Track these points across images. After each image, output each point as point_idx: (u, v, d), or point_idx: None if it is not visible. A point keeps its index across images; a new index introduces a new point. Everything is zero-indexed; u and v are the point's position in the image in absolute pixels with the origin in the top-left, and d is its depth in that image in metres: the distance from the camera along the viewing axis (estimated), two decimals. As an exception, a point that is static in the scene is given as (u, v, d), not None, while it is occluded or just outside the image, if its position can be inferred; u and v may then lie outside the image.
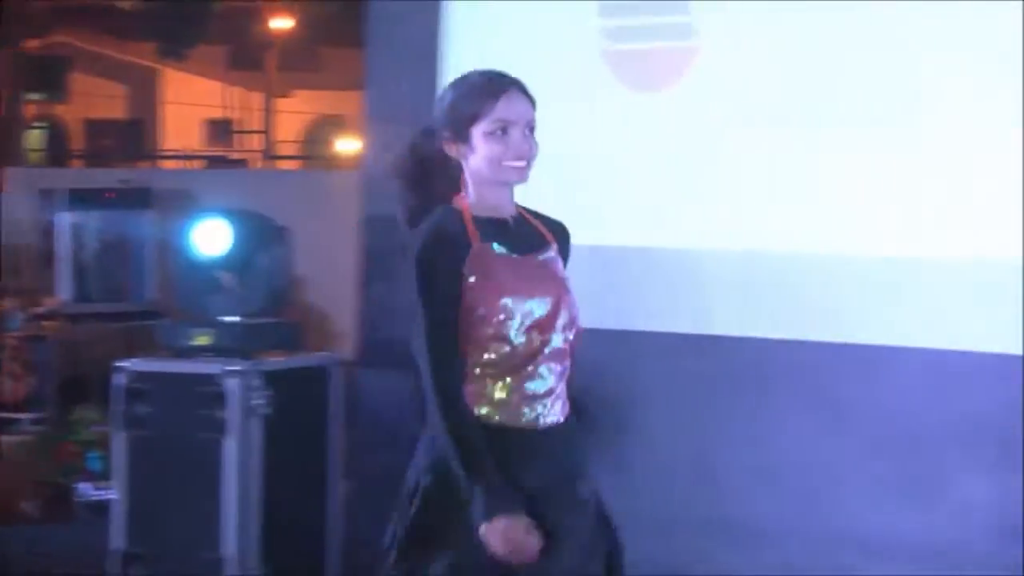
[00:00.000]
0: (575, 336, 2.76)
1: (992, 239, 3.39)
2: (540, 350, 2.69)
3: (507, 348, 2.68)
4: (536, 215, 2.81)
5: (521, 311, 2.68)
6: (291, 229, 4.38)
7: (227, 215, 4.22)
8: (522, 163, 2.66)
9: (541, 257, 2.74)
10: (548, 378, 2.68)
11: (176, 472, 3.91)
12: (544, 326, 2.68)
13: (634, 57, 3.87)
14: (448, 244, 2.69)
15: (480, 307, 2.67)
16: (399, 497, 2.75)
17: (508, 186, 2.72)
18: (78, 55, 17.01)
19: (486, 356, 2.67)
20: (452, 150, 2.71)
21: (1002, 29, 3.35)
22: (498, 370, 2.68)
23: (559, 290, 2.73)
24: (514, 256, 2.71)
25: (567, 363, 2.73)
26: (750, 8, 3.65)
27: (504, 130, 2.66)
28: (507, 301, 2.68)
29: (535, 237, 2.76)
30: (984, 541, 3.34)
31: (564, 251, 2.80)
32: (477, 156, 2.68)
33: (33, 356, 6.24)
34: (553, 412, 2.70)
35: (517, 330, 2.67)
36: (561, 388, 2.69)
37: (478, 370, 2.68)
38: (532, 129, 2.70)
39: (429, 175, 2.79)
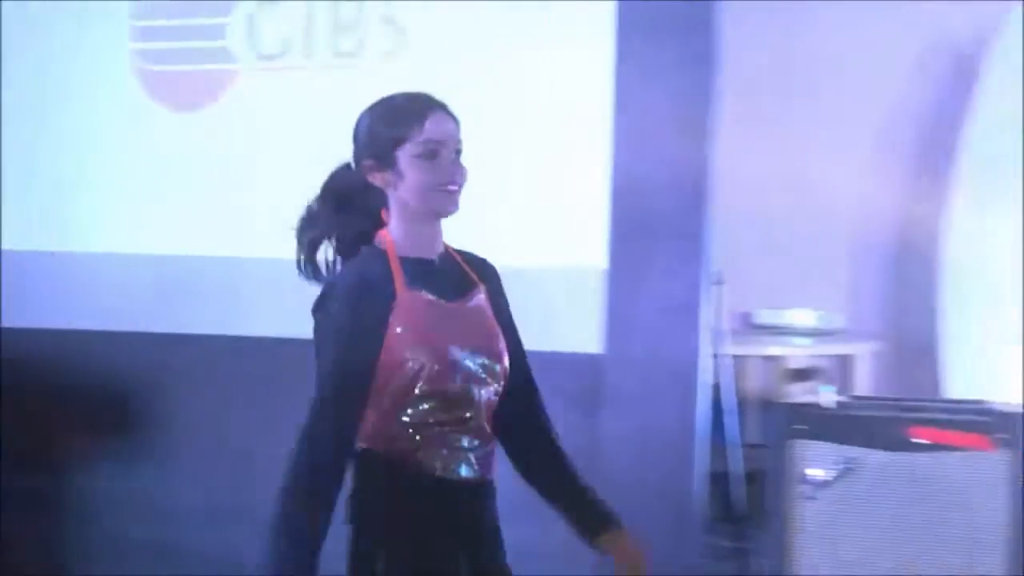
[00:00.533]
0: (526, 391, 2.68)
1: (576, 247, 3.80)
2: (475, 403, 2.59)
3: (440, 402, 2.56)
4: (460, 252, 2.70)
5: (456, 362, 2.57)
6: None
7: None
8: (454, 187, 2.55)
9: (471, 304, 2.64)
10: (483, 431, 2.57)
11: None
12: (478, 378, 2.60)
13: (170, 79, 4.04)
14: (368, 293, 2.54)
15: (409, 360, 2.54)
16: None
17: (437, 218, 2.59)
18: None
19: (419, 408, 2.55)
20: (377, 179, 2.57)
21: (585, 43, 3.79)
22: (431, 424, 2.54)
23: (491, 341, 2.63)
24: (443, 303, 2.60)
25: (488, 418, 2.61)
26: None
27: (433, 153, 2.54)
28: (439, 352, 2.55)
29: (463, 279, 2.66)
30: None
31: (495, 290, 2.69)
32: (405, 183, 2.55)
33: None
34: (484, 467, 2.58)
35: (452, 382, 2.55)
36: (493, 443, 2.60)
37: (410, 427, 2.54)
38: (459, 152, 2.59)
39: (349, 213, 2.64)
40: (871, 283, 5.04)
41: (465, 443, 2.54)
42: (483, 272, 2.64)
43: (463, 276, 2.61)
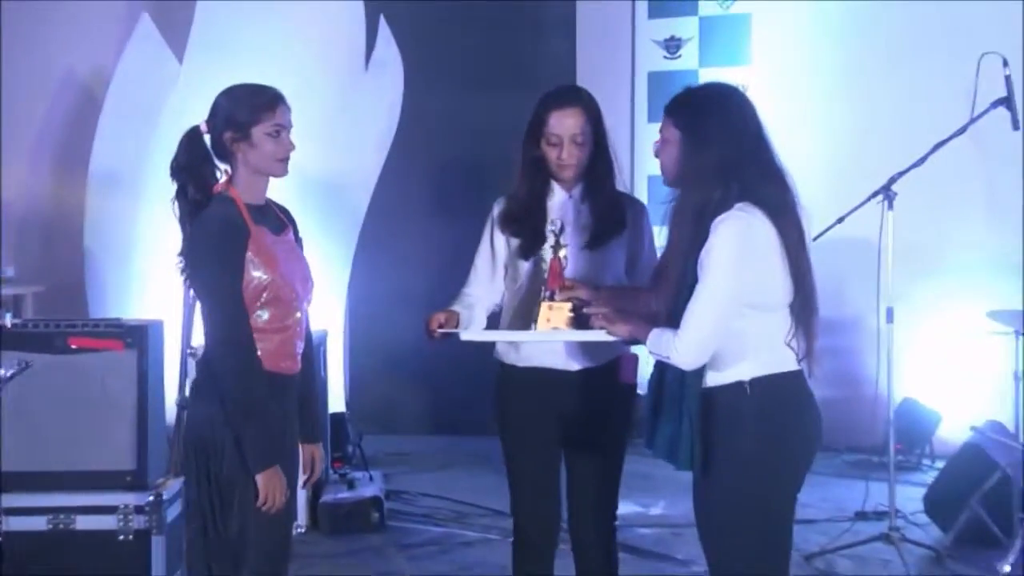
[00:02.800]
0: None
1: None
2: (298, 305, 3.20)
3: (278, 308, 3.10)
4: (273, 202, 3.30)
5: (292, 282, 3.18)
6: None
7: None
8: (287, 160, 3.19)
9: (287, 237, 3.26)
10: (306, 335, 3.21)
11: None
12: (300, 292, 3.21)
13: None
14: (233, 229, 3.10)
15: (258, 277, 3.08)
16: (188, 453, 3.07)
17: (269, 178, 3.21)
18: None
19: (264, 314, 3.08)
20: (235, 147, 3.16)
21: None
22: (273, 325, 3.08)
23: (304, 265, 3.27)
24: (275, 236, 3.20)
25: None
26: None
27: (278, 132, 3.17)
28: (284, 273, 3.12)
29: (279, 220, 3.27)
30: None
31: (295, 230, 3.31)
32: (256, 152, 3.16)
33: None
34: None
35: (287, 292, 3.13)
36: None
37: (256, 330, 3.05)
38: (290, 132, 3.19)
39: (202, 169, 3.20)
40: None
41: (297, 347, 3.21)
42: (288, 216, 3.34)
43: (278, 218, 3.28)
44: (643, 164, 6.48)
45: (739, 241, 2.91)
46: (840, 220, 5.26)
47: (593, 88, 3.73)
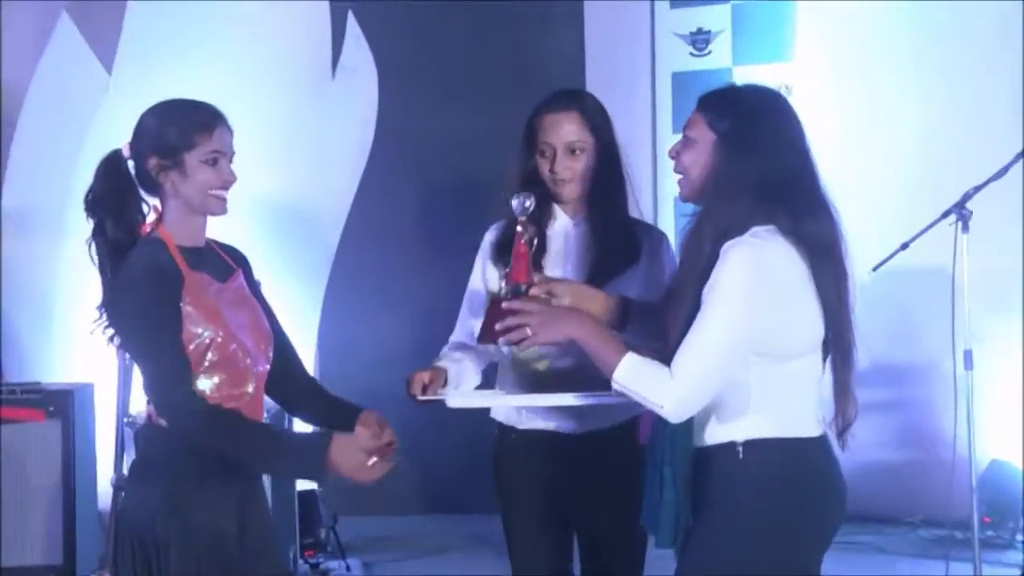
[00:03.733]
0: (294, 355, 3.26)
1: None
2: (252, 369, 3.11)
3: (226, 374, 3.04)
4: (216, 243, 3.25)
5: (243, 339, 3.11)
6: None
7: None
8: (226, 193, 3.13)
9: (235, 284, 3.20)
10: (258, 412, 3.12)
11: None
12: (253, 351, 3.14)
13: None
14: (163, 276, 3.04)
15: (198, 336, 3.02)
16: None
17: (207, 216, 3.15)
18: None
19: (209, 380, 3.02)
20: (160, 176, 3.11)
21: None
22: (221, 394, 3.02)
23: (257, 315, 3.20)
24: (218, 283, 3.14)
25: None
26: None
27: (215, 160, 3.11)
28: (232, 328, 3.06)
29: (223, 264, 3.21)
30: None
31: (247, 272, 3.25)
32: (189, 184, 3.10)
33: None
34: None
35: (235, 353, 3.06)
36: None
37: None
38: (231, 160, 3.13)
39: (125, 202, 3.14)
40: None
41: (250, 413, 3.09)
42: (236, 257, 3.29)
43: (223, 261, 3.22)
44: (667, 184, 6.45)
45: (750, 273, 2.86)
46: (904, 246, 5.24)
47: (606, 93, 3.72)
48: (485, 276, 3.64)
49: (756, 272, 2.86)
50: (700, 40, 6.85)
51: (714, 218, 2.93)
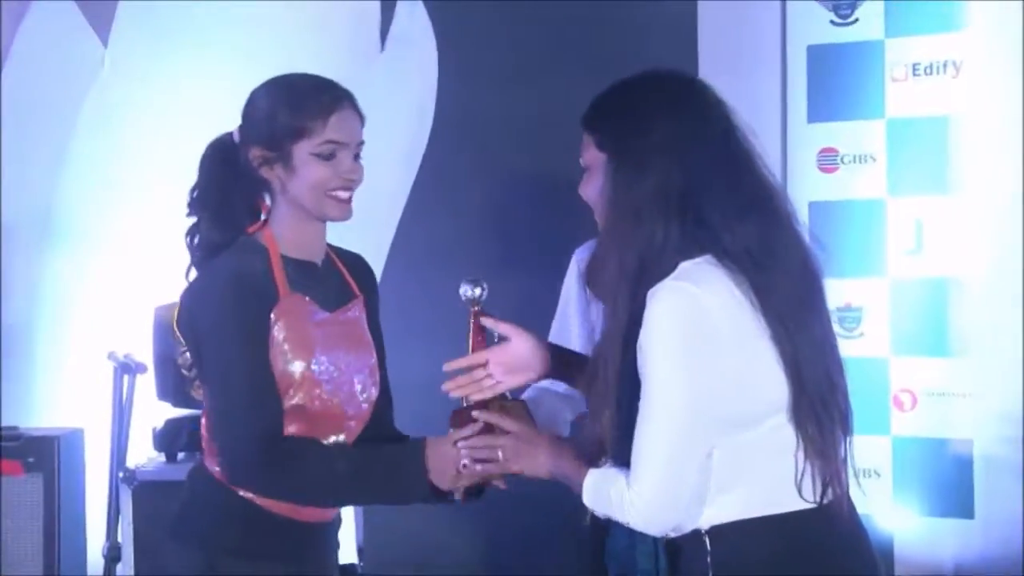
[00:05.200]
0: (386, 406, 3.34)
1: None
2: (343, 420, 3.21)
3: (309, 422, 3.14)
4: (340, 253, 3.32)
5: (328, 377, 3.17)
6: None
7: None
8: (348, 194, 3.18)
9: (347, 315, 3.27)
10: None
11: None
12: (351, 397, 3.24)
13: None
14: (252, 292, 3.08)
15: (285, 370, 3.09)
16: None
17: (325, 222, 3.20)
18: None
19: (286, 428, 3.09)
20: (265, 171, 3.15)
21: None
22: None
23: (363, 353, 3.27)
24: (324, 312, 3.20)
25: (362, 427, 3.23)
26: None
27: (333, 154, 3.16)
28: (317, 363, 3.13)
29: (343, 287, 3.29)
30: None
31: (372, 304, 3.34)
32: (298, 181, 3.14)
33: None
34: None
35: (325, 398, 3.15)
36: None
37: None
38: (359, 154, 3.20)
39: (228, 198, 3.18)
40: None
41: None
42: (362, 280, 3.36)
43: (344, 284, 3.30)
44: (801, 182, 6.50)
45: (682, 325, 2.85)
46: None
47: (723, 71, 3.80)
48: (580, 306, 3.72)
49: (688, 325, 2.85)
50: (844, 5, 6.88)
51: (618, 255, 2.94)
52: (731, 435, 2.90)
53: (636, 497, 2.86)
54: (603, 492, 2.93)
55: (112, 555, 4.53)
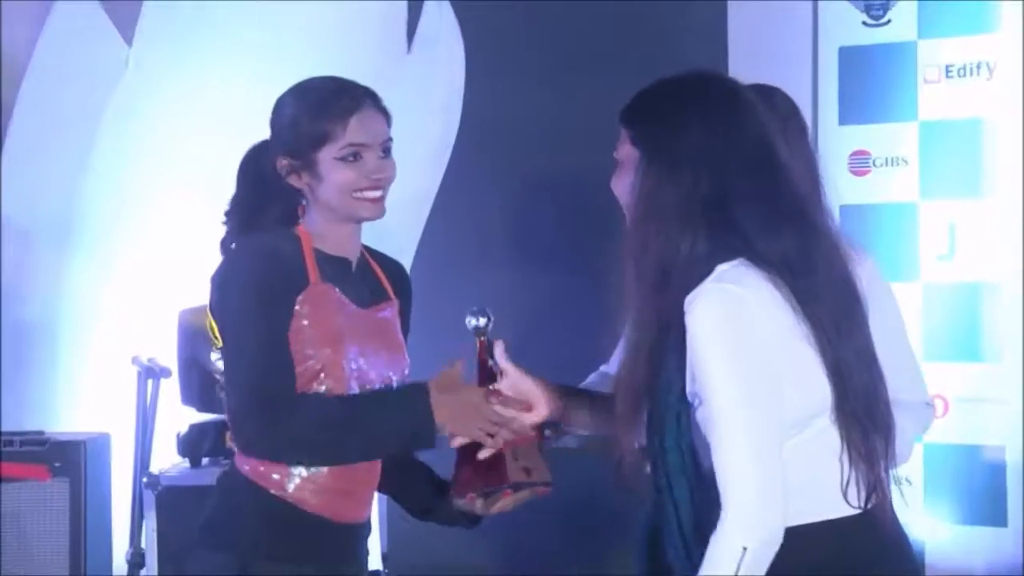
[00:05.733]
0: None
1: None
2: None
3: None
4: (376, 256, 3.36)
5: (358, 371, 3.20)
6: None
7: None
8: (377, 193, 3.20)
9: (381, 314, 3.30)
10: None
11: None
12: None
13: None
14: (280, 269, 3.11)
15: (311, 358, 3.11)
16: None
17: (358, 223, 3.24)
18: None
19: None
20: (294, 180, 3.19)
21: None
22: None
23: (396, 354, 3.30)
24: (355, 307, 3.22)
25: None
26: None
27: (357, 155, 3.18)
28: (344, 356, 3.15)
29: (377, 288, 3.32)
30: None
31: (406, 307, 3.38)
32: (326, 187, 3.17)
33: None
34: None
35: (351, 388, 3.15)
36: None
37: None
38: (388, 150, 3.22)
39: (265, 207, 3.23)
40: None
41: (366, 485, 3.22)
42: (399, 285, 3.40)
43: (378, 285, 3.33)
44: (832, 185, 6.46)
45: (732, 326, 2.83)
46: None
47: (754, 72, 3.76)
48: None
49: (737, 325, 2.83)
50: (876, 6, 6.86)
51: (639, 256, 2.93)
52: (782, 438, 2.88)
53: (737, 510, 2.81)
54: (716, 551, 2.83)
55: (135, 560, 4.54)
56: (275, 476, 3.15)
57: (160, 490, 4.88)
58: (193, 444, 5.45)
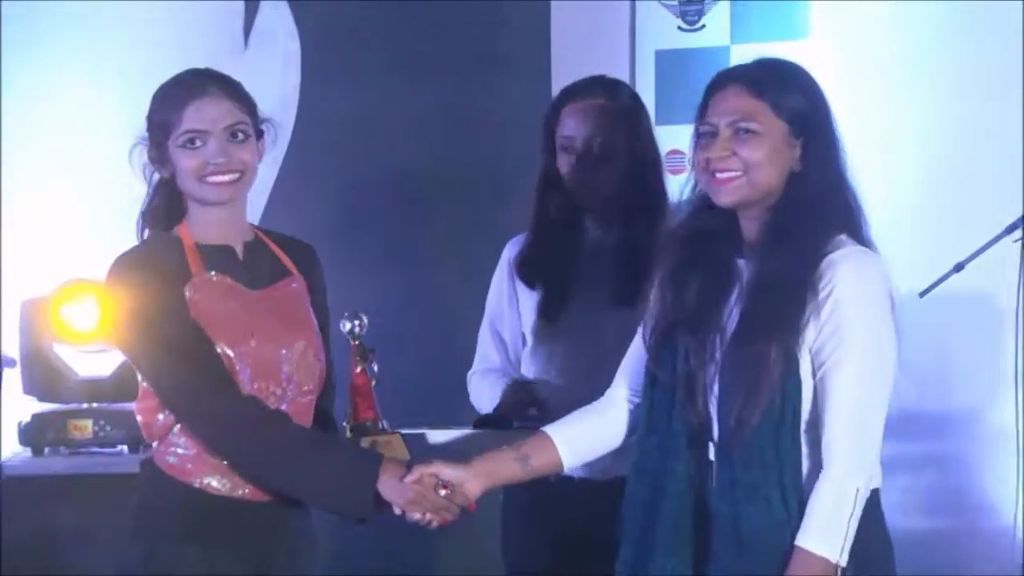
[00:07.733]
0: (325, 390, 3.30)
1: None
2: (276, 406, 3.19)
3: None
4: (278, 238, 3.38)
5: (252, 357, 3.17)
6: None
7: None
8: (223, 178, 3.21)
9: (280, 292, 3.29)
10: None
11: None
12: (279, 376, 3.22)
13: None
14: (159, 264, 3.13)
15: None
16: None
17: (225, 206, 3.25)
18: None
19: None
20: (159, 170, 3.26)
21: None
22: None
23: (301, 333, 3.27)
24: (246, 290, 3.22)
25: (308, 422, 3.21)
26: None
27: (193, 141, 3.21)
28: (237, 343, 3.15)
29: (275, 266, 3.32)
30: None
31: (311, 275, 3.35)
32: (178, 173, 3.22)
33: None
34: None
35: (247, 382, 3.13)
36: None
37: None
38: (243, 133, 3.24)
39: (157, 203, 3.28)
40: None
41: None
42: (304, 263, 3.39)
43: (276, 263, 3.34)
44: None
45: (885, 287, 3.07)
46: (959, 268, 5.34)
47: (576, 72, 3.88)
48: (515, 297, 3.94)
49: (886, 287, 3.07)
50: (691, 11, 6.87)
51: (802, 231, 3.07)
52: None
53: (854, 456, 3.00)
54: (830, 496, 3.01)
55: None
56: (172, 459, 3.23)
57: (2, 479, 4.94)
58: (35, 434, 5.50)
